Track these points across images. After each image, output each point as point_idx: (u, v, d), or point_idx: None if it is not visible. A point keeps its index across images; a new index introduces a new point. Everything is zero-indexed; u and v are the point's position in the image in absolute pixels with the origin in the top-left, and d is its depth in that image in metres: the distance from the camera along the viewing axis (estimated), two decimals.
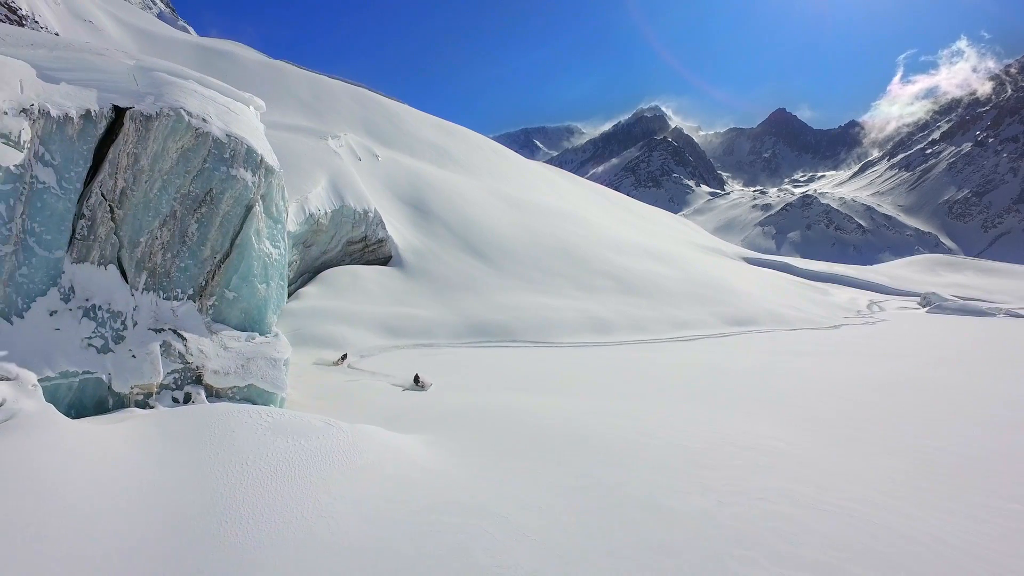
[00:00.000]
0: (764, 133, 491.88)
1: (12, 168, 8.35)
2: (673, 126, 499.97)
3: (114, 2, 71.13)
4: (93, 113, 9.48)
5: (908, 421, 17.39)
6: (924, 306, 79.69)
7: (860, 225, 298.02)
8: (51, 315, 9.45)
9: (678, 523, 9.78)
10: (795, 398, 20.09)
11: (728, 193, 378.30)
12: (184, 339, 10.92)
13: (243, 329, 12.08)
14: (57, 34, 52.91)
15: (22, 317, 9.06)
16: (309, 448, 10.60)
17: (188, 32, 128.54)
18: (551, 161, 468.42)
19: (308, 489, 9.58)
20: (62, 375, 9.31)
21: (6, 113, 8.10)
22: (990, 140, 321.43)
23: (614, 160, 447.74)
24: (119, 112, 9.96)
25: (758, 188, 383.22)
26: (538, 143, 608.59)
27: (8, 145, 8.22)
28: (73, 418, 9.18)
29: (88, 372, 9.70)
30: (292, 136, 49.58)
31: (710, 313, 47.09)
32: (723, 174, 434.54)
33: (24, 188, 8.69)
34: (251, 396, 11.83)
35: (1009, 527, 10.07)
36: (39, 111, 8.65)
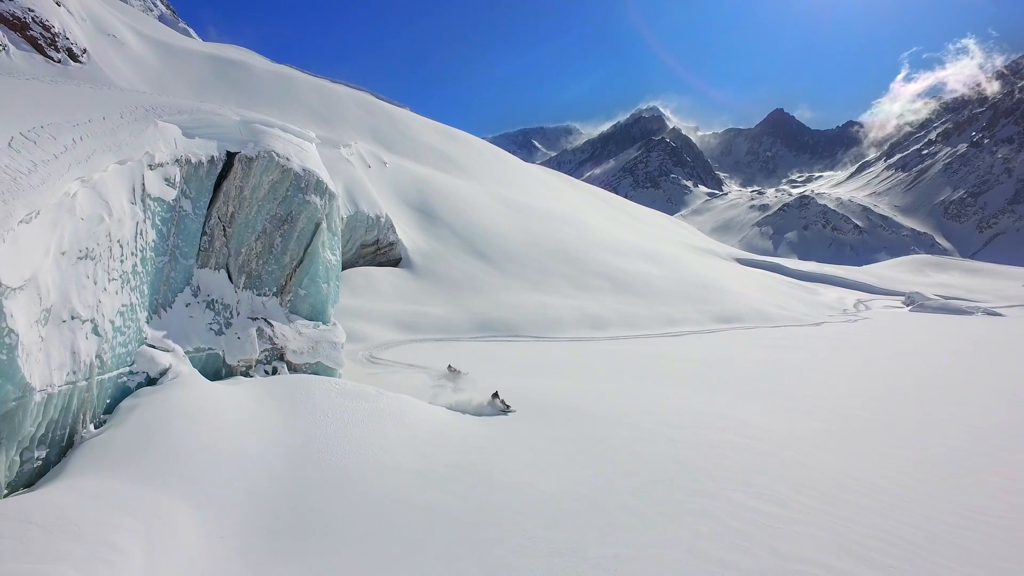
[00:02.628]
0: (762, 133, 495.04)
1: (170, 201, 11.80)
2: (671, 126, 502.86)
3: (134, 16, 74.59)
4: (215, 158, 12.92)
5: (846, 396, 20.96)
6: (908, 305, 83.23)
7: (857, 225, 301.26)
8: (187, 306, 12.88)
9: (645, 459, 13.32)
10: (757, 381, 23.62)
11: (726, 194, 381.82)
12: (272, 326, 14.38)
13: (311, 319, 15.55)
14: (85, 49, 56.23)
15: (171, 307, 12.50)
16: (368, 407, 14.08)
17: (190, 33, 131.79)
18: (549, 162, 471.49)
19: (372, 434, 13.08)
20: (195, 350, 12.77)
21: (168, 163, 11.54)
22: (985, 141, 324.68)
23: (612, 161, 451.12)
24: (230, 155, 13.40)
25: (756, 188, 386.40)
26: (537, 143, 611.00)
27: (168, 186, 11.65)
28: None
29: (211, 348, 13.17)
30: None
31: (699, 311, 50.53)
32: (721, 174, 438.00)
33: (175, 215, 12.13)
34: (318, 370, 15.36)
35: (889, 463, 13.73)
36: (184, 160, 12.08)
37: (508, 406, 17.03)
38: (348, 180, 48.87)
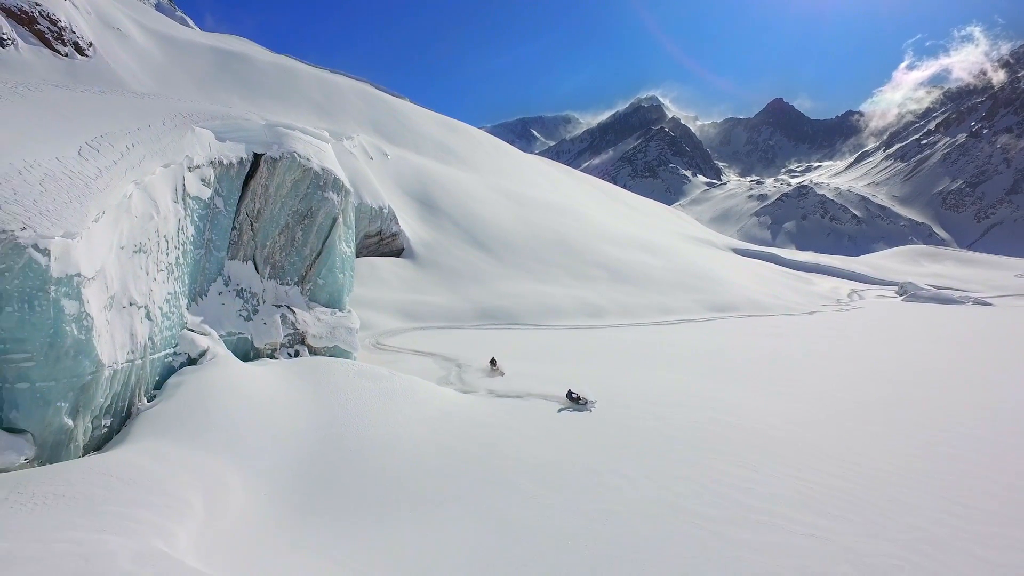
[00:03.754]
0: (761, 123, 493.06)
1: (206, 200, 13.07)
2: (670, 116, 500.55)
3: (136, 7, 75.18)
4: (243, 160, 14.17)
5: (826, 379, 22.38)
6: (900, 295, 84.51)
7: (855, 215, 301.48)
8: (219, 295, 14.18)
9: (636, 434, 14.72)
10: (744, 366, 25.03)
11: (724, 183, 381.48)
12: (294, 313, 15.70)
13: (328, 306, 16.87)
14: (91, 43, 57.02)
15: (206, 296, 13.81)
16: (383, 386, 15.44)
17: (187, 22, 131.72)
18: (548, 151, 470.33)
19: (387, 409, 14.46)
20: (228, 334, 14.10)
21: (204, 165, 12.79)
22: (984, 131, 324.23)
23: (611, 150, 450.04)
24: (256, 157, 14.64)
25: (754, 178, 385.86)
26: (536, 133, 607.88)
27: (204, 185, 12.91)
28: None
29: (240, 333, 14.49)
30: None
31: (694, 300, 51.77)
32: (720, 164, 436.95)
33: (210, 212, 13.41)
34: (335, 353, 16.71)
35: (855, 437, 15.18)
36: (218, 161, 13.33)
37: (583, 399, 16.90)
38: (351, 172, 49.79)
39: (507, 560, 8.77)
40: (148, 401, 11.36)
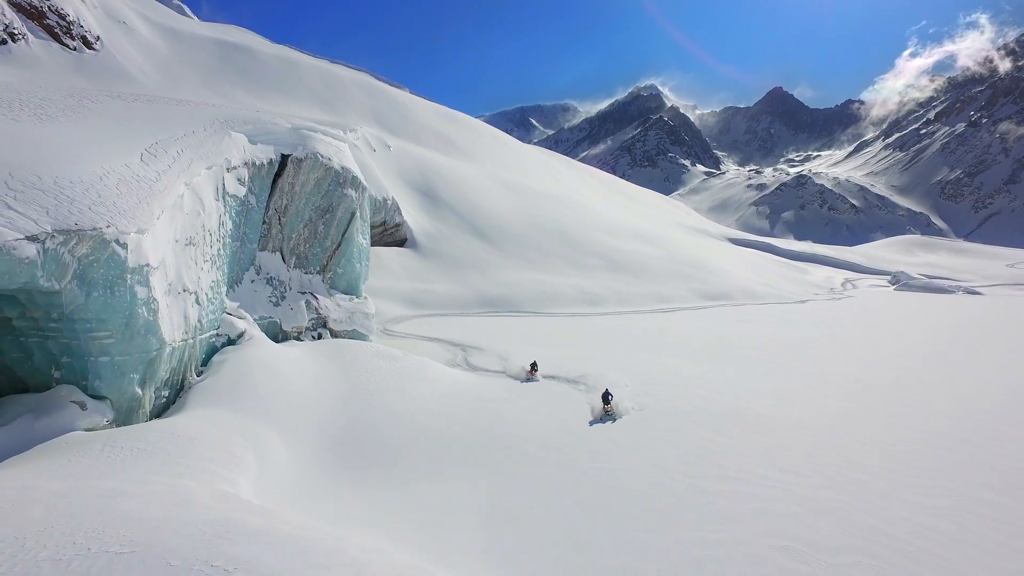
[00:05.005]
0: (760, 112, 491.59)
1: (241, 197, 14.56)
2: (669, 105, 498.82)
3: (143, 2, 75.84)
4: (272, 160, 15.64)
5: (807, 362, 23.99)
6: (893, 284, 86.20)
7: (853, 205, 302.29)
8: (251, 283, 15.70)
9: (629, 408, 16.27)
10: (729, 349, 26.66)
11: (723, 173, 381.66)
12: (317, 299, 17.24)
13: (347, 293, 18.41)
14: (99, 37, 57.96)
15: (241, 283, 15.33)
16: (398, 366, 17.02)
17: (184, 11, 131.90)
18: (547, 140, 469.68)
19: (402, 385, 16.04)
20: (260, 318, 15.65)
21: (240, 166, 14.26)
22: (983, 120, 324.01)
23: (610, 140, 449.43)
24: (284, 157, 16.10)
25: (753, 168, 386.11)
26: (534, 122, 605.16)
27: (240, 184, 14.38)
28: None
29: (271, 317, 16.04)
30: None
31: (689, 289, 53.33)
32: (719, 153, 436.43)
33: (244, 208, 14.89)
34: (353, 336, 18.27)
35: (819, 406, 16.79)
36: (251, 162, 14.80)
37: (614, 410, 15.71)
38: (357, 164, 50.84)
39: (510, 505, 10.37)
40: (197, 376, 12.92)
